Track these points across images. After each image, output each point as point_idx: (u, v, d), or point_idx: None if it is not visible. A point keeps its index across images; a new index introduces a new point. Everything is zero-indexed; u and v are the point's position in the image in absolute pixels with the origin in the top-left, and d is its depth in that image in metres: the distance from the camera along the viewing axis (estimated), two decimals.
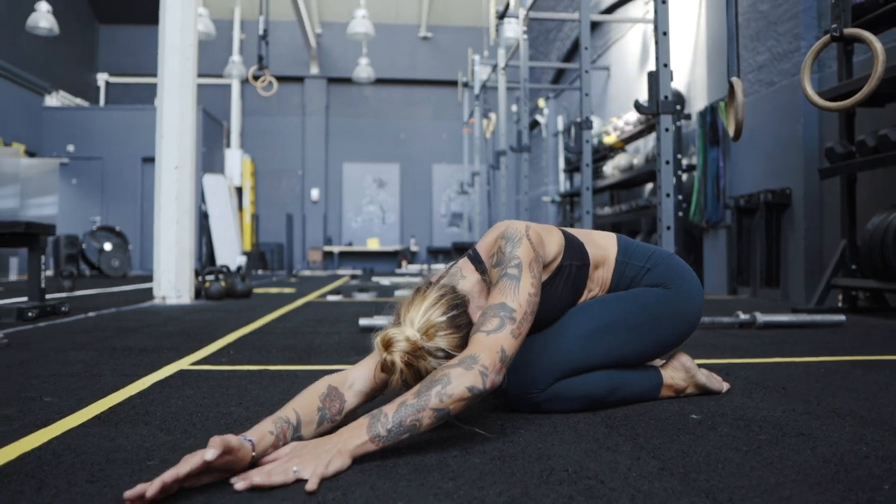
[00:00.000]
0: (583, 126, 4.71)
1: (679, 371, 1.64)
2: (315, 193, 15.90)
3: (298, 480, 1.03)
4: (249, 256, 12.48)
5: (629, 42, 8.88)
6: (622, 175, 7.79)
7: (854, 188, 4.28)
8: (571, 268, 1.52)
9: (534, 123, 13.04)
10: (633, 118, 7.53)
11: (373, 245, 15.87)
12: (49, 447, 1.24)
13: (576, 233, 1.59)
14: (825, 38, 2.62)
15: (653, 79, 3.33)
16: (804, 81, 2.54)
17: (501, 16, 7.18)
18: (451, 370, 1.16)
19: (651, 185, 8.01)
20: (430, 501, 0.96)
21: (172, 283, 4.96)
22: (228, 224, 13.54)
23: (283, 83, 14.57)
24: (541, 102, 12.62)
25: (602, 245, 1.60)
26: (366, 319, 3.19)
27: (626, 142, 8.05)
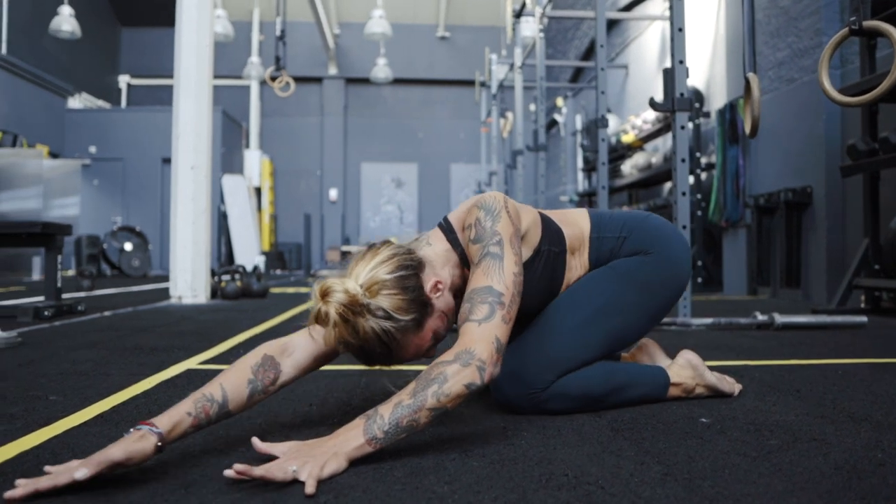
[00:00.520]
0: (598, 125, 4.66)
1: (686, 369, 1.59)
2: (333, 193, 15.97)
3: (296, 481, 1.01)
4: (268, 256, 12.55)
5: (648, 39, 8.78)
6: (640, 174, 7.71)
7: (877, 186, 4.18)
8: (550, 254, 1.46)
9: (552, 122, 12.96)
10: (652, 116, 7.45)
11: None
12: (48, 446, 1.24)
13: (552, 215, 1.54)
14: (844, 32, 2.56)
15: (668, 76, 3.28)
16: (821, 76, 2.48)
17: (518, 14, 7.14)
18: (448, 367, 1.13)
19: (670, 185, 7.92)
20: None
21: (189, 283, 4.99)
22: (247, 224, 13.63)
23: (302, 84, 14.64)
24: (559, 101, 12.53)
25: (576, 223, 1.55)
26: None
27: (645, 140, 7.96)
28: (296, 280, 9.61)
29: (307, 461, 1.03)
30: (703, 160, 6.53)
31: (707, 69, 6.84)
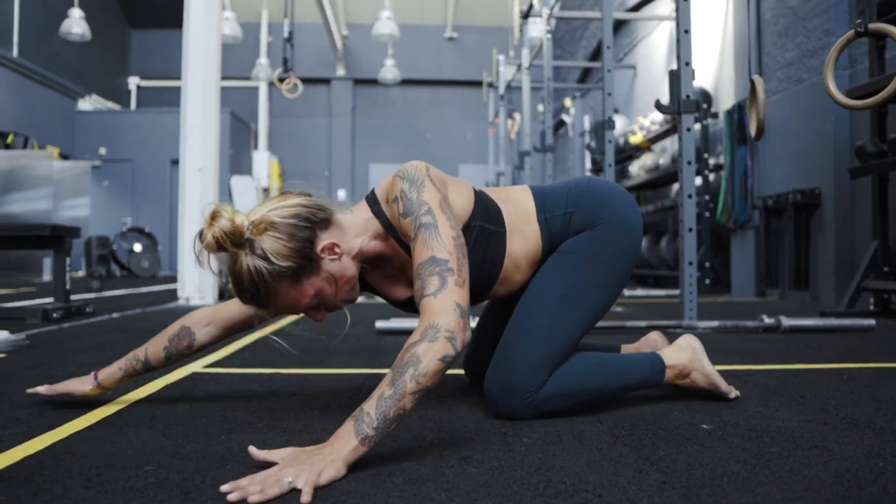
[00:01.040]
0: (605, 126, 4.65)
1: (685, 351, 1.59)
2: (342, 194, 15.99)
3: (293, 490, 1.01)
4: None
5: (656, 40, 8.75)
6: (648, 175, 7.68)
7: (886, 188, 4.16)
8: (483, 230, 1.43)
9: (560, 123, 12.94)
10: (660, 117, 7.42)
11: None
12: (51, 450, 1.25)
13: (491, 192, 1.52)
14: (849, 34, 2.54)
15: (674, 77, 3.27)
16: (827, 78, 2.47)
17: (525, 15, 7.13)
18: (417, 347, 1.12)
19: (677, 186, 7.88)
20: None
21: (196, 285, 5.02)
22: None
23: (310, 85, 14.66)
24: (567, 102, 12.51)
25: (518, 202, 1.53)
26: (382, 322, 3.18)
27: (653, 141, 7.94)
28: None
29: (304, 469, 1.03)
30: (712, 161, 6.50)
31: (715, 70, 6.81)
